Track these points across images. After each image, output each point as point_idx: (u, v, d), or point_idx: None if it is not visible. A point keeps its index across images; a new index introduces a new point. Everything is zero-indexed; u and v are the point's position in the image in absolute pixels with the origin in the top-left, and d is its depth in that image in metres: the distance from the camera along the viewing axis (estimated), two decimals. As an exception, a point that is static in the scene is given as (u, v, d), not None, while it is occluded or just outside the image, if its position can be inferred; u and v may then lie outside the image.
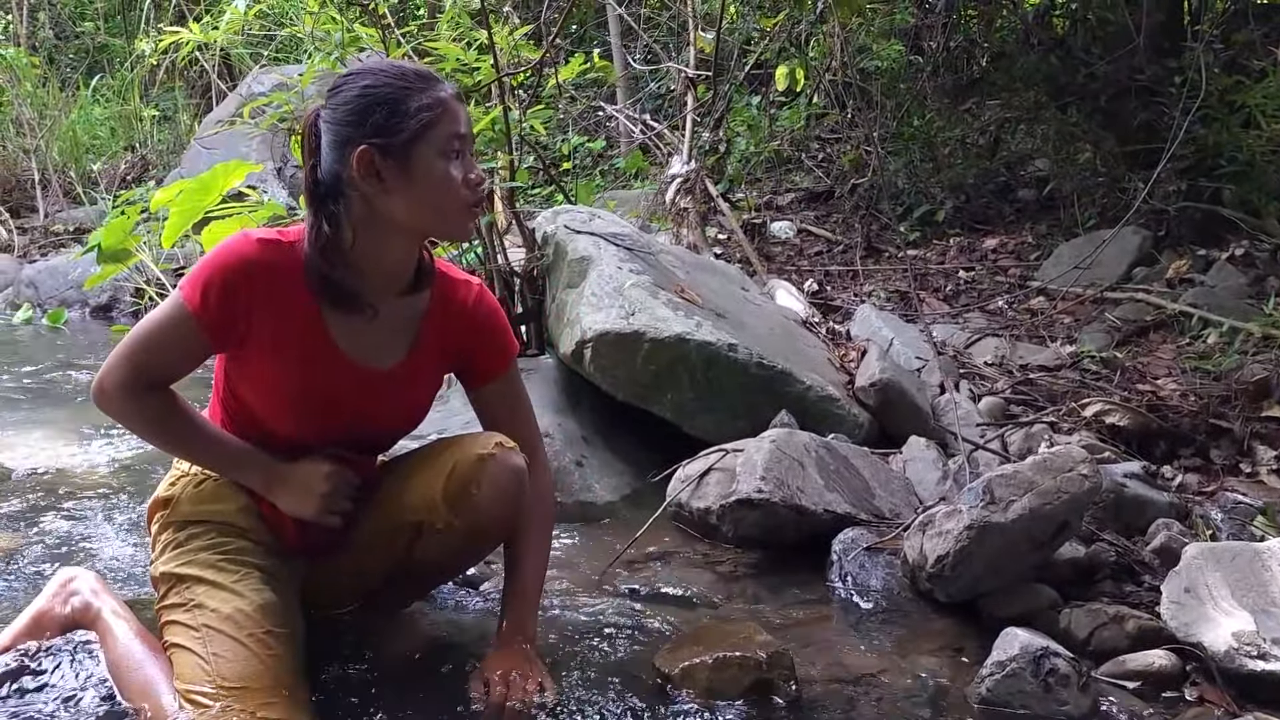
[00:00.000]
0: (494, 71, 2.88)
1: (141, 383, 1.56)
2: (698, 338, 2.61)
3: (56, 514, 2.61)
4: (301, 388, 1.60)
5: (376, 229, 1.55)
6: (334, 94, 1.54)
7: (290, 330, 1.56)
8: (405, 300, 1.63)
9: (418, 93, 1.51)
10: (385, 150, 1.49)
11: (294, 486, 1.62)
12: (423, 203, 1.53)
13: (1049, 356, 3.34)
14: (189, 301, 1.52)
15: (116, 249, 5.36)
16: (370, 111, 1.49)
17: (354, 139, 1.49)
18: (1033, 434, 2.59)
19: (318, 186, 1.54)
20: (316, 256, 1.54)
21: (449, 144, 1.52)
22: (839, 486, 2.26)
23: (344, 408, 1.63)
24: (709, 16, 6.27)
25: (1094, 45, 4.99)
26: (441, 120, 1.51)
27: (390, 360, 1.64)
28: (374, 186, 1.50)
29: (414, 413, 1.76)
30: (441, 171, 1.51)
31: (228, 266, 1.52)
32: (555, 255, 3.03)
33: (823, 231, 5.59)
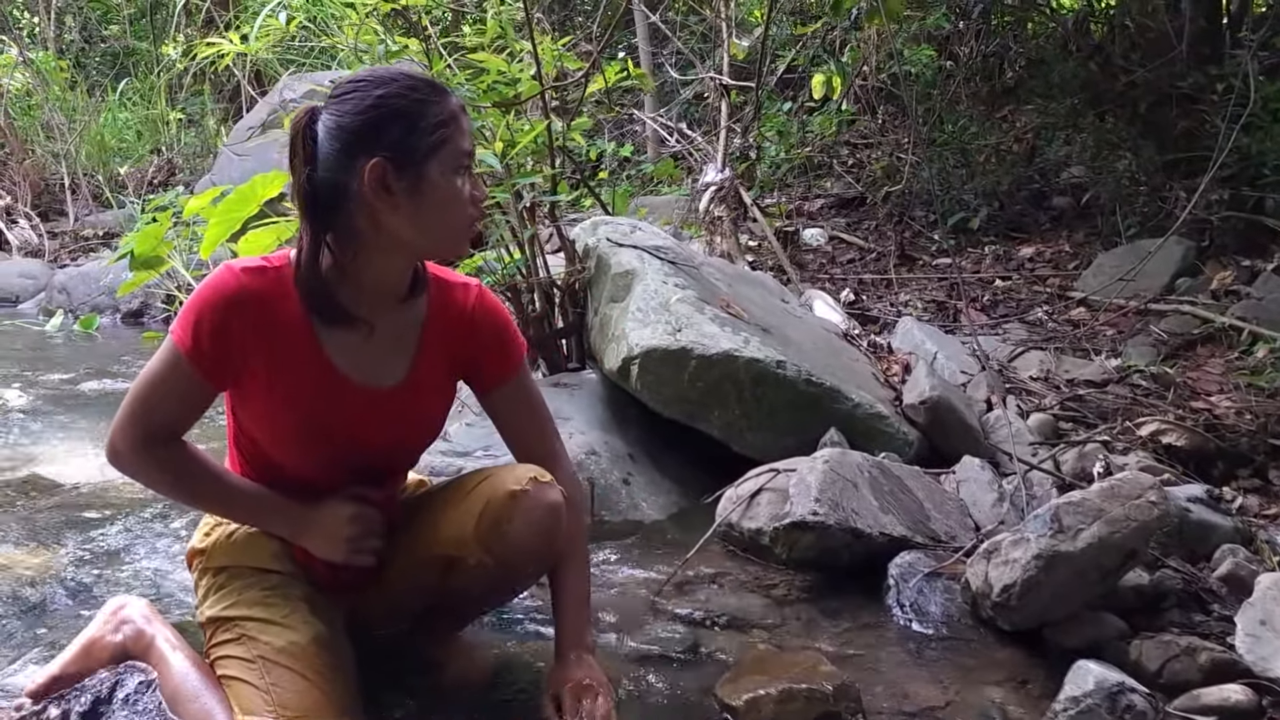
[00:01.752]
0: (537, 84, 2.85)
1: (151, 438, 1.51)
2: (746, 354, 2.58)
3: (100, 529, 2.60)
4: (305, 416, 1.54)
5: (378, 243, 1.48)
6: (341, 99, 1.45)
7: (287, 359, 1.51)
8: (402, 310, 1.57)
9: (433, 105, 1.45)
10: (399, 165, 1.43)
11: (320, 531, 1.58)
12: (430, 220, 1.47)
13: (1095, 370, 3.29)
14: (180, 344, 1.47)
15: (149, 256, 5.38)
16: (387, 124, 1.43)
17: (367, 151, 1.42)
18: (1086, 453, 2.54)
19: (314, 195, 1.45)
20: (311, 270, 1.47)
21: (460, 160, 1.48)
22: (894, 508, 2.22)
23: (351, 432, 1.57)
24: (742, 23, 6.25)
25: (1133, 52, 4.94)
26: (454, 136, 1.47)
27: (393, 376, 1.58)
28: (382, 200, 1.43)
29: (427, 427, 1.69)
30: (453, 189, 1.47)
31: (215, 302, 1.46)
32: (597, 268, 3.00)
33: (855, 239, 5.55)
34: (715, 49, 5.93)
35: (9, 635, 1.95)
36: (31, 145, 8.94)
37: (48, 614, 2.05)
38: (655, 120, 5.43)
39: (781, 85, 6.51)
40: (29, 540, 2.52)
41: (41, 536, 2.55)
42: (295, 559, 1.63)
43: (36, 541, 2.52)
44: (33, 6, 10.74)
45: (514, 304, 2.99)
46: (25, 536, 2.54)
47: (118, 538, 2.53)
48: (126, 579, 2.28)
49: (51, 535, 2.56)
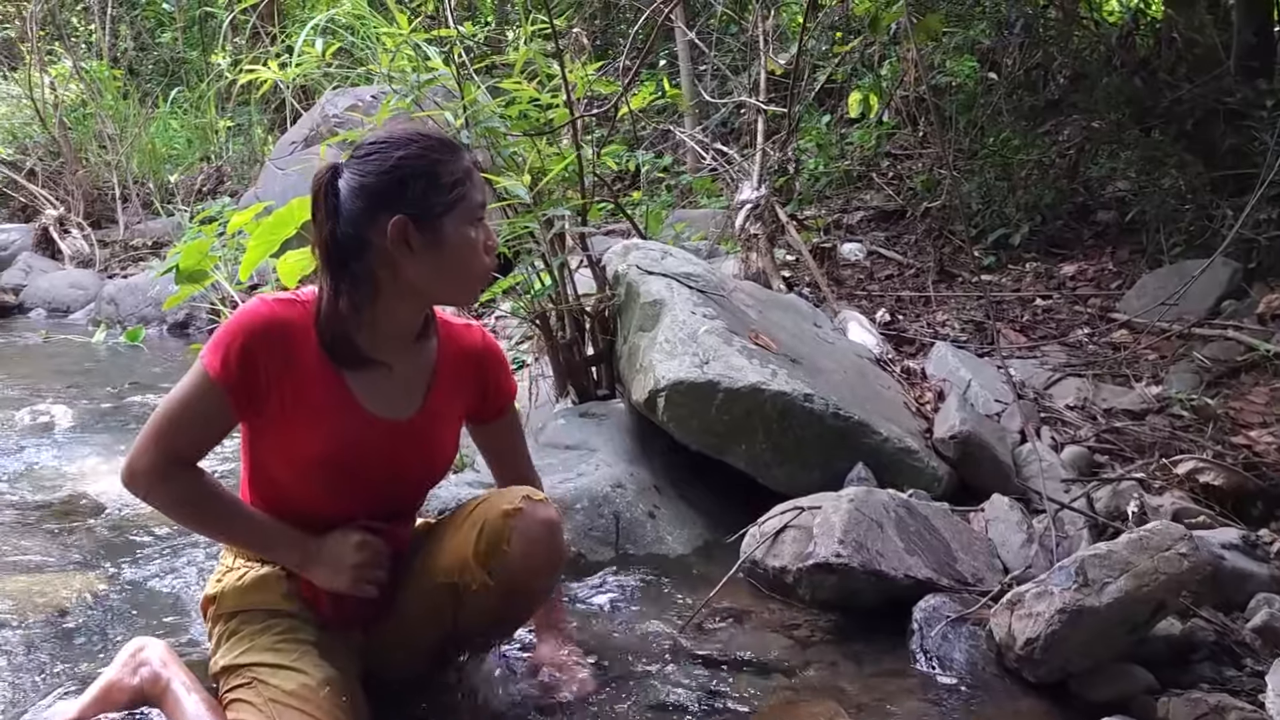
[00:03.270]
0: (568, 113, 2.86)
1: (172, 461, 1.57)
2: (773, 388, 2.57)
3: (140, 555, 2.65)
4: (328, 446, 1.60)
5: (396, 290, 1.58)
6: (364, 160, 1.55)
7: (312, 390, 1.58)
8: (415, 350, 1.68)
9: (449, 164, 1.57)
10: (419, 221, 1.53)
11: (326, 560, 1.63)
12: (447, 270, 1.57)
13: (1134, 399, 3.23)
14: (210, 368, 1.54)
15: (194, 270, 5.48)
16: (408, 183, 1.53)
17: (389, 208, 1.52)
18: (1121, 491, 2.50)
19: (337, 247, 1.54)
20: (331, 318, 1.55)
21: (474, 213, 1.59)
22: (919, 549, 2.20)
23: (368, 462, 1.63)
24: (781, 35, 6.22)
25: (1179, 65, 4.84)
26: (469, 192, 1.58)
27: (409, 409, 1.67)
28: (403, 253, 1.53)
29: (439, 461, 1.77)
30: (468, 240, 1.57)
31: (246, 330, 1.54)
32: (627, 296, 3.00)
33: (893, 254, 5.50)
34: (753, 61, 5.90)
35: (42, 666, 2.00)
36: (85, 154, 9.15)
37: (82, 645, 2.10)
38: (692, 138, 5.41)
39: (821, 95, 6.47)
40: (69, 565, 2.58)
41: (81, 561, 2.61)
42: (302, 595, 1.67)
43: (76, 566, 2.57)
44: (89, 15, 10.97)
45: (543, 330, 3.00)
46: (65, 561, 2.60)
47: (156, 564, 2.58)
48: (162, 608, 2.32)
49: (91, 560, 2.62)
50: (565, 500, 2.47)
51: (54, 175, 8.96)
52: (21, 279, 7.25)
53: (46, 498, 3.11)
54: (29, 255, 7.59)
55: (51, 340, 5.84)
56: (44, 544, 2.72)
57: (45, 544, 2.72)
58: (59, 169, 8.93)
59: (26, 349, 5.65)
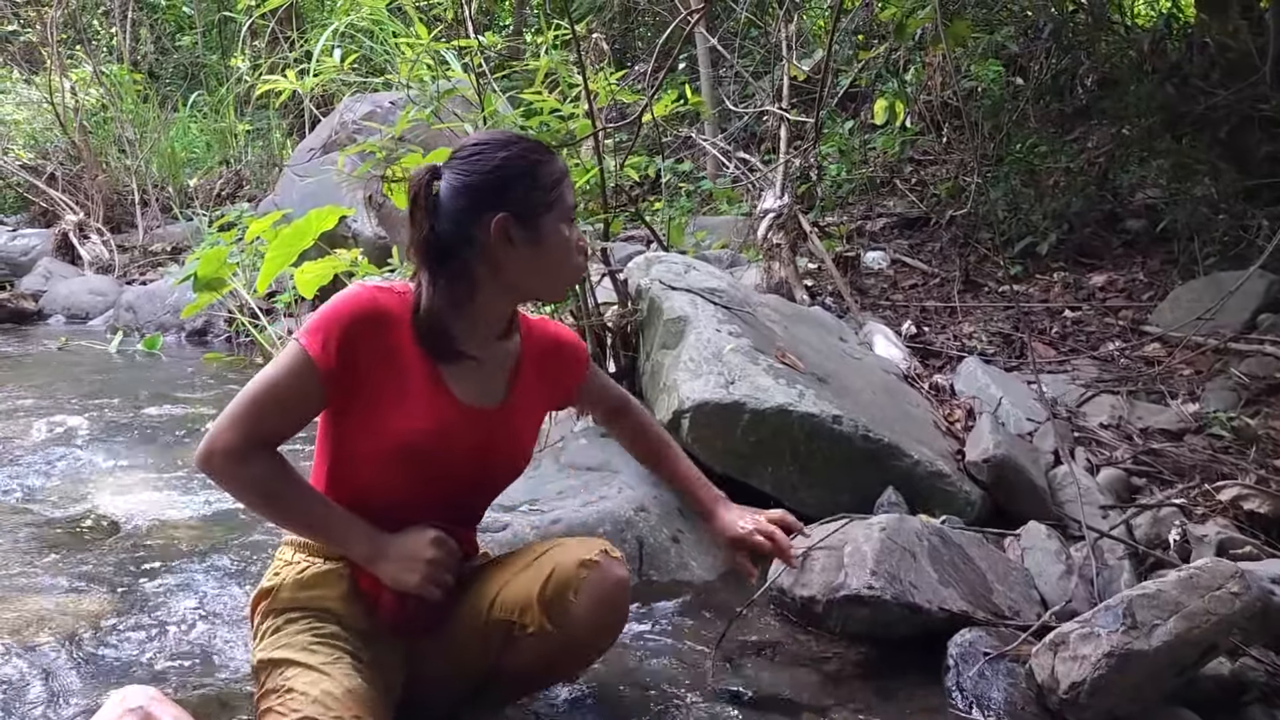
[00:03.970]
0: (589, 125, 2.79)
1: (252, 444, 1.56)
2: (801, 409, 2.49)
3: (153, 579, 2.60)
4: (420, 432, 1.61)
5: (494, 287, 1.63)
6: (466, 160, 1.60)
7: (407, 377, 1.60)
8: (501, 344, 1.72)
9: (547, 165, 1.62)
10: (521, 218, 1.58)
11: (398, 555, 1.61)
12: (544, 267, 1.63)
13: (1171, 418, 3.14)
14: (310, 349, 1.55)
15: (212, 278, 5.46)
16: (512, 182, 1.58)
17: (492, 206, 1.57)
18: (1161, 518, 2.41)
19: (436, 245, 1.59)
20: (430, 312, 1.59)
21: (569, 213, 1.65)
22: (954, 580, 2.12)
23: (459, 450, 1.65)
24: (804, 38, 6.14)
25: (1212, 72, 4.73)
26: (565, 192, 1.64)
27: (496, 399, 1.70)
28: (504, 250, 1.59)
29: (521, 452, 1.79)
30: (564, 238, 1.63)
31: (350, 315, 1.57)
32: (649, 311, 2.94)
33: (918, 263, 5.41)
34: (775, 66, 5.82)
35: (51, 697, 1.95)
36: (105, 159, 9.15)
37: (90, 676, 2.05)
38: (714, 146, 5.34)
39: (845, 99, 6.38)
40: (81, 587, 2.52)
41: (93, 583, 2.55)
42: (361, 591, 1.65)
43: (88, 589, 2.52)
44: (111, 19, 10.99)
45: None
46: (77, 583, 2.55)
47: (168, 589, 2.53)
48: (173, 641, 2.27)
49: (104, 582, 2.57)
50: (587, 525, 2.41)
51: (74, 180, 8.97)
52: (42, 284, 7.24)
53: (60, 514, 3.07)
54: (49, 261, 7.59)
55: (69, 348, 5.82)
56: (56, 565, 2.67)
57: (57, 565, 2.67)
58: (79, 174, 8.94)
59: (45, 357, 5.63)
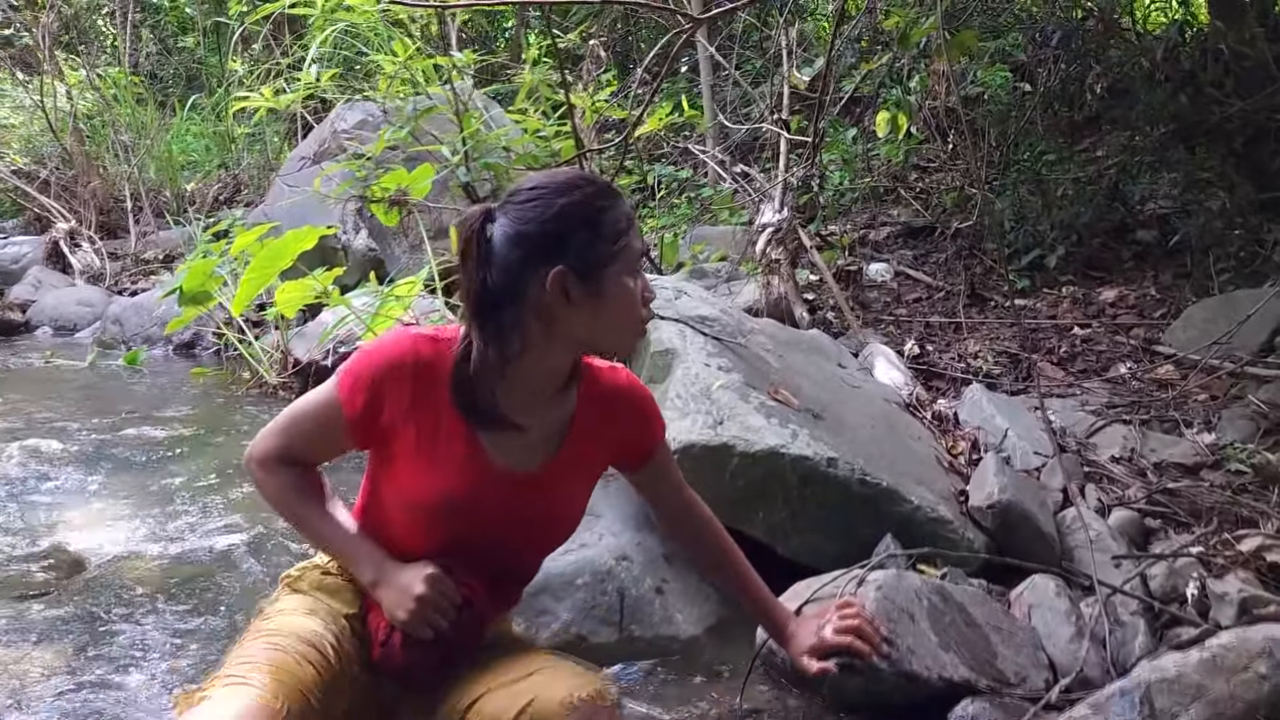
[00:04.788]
0: (573, 147, 2.65)
1: (283, 457, 1.59)
2: (793, 451, 2.35)
3: (112, 625, 2.48)
4: (445, 494, 1.54)
5: (548, 343, 1.50)
6: (521, 206, 1.47)
7: (439, 434, 1.52)
8: (555, 400, 1.59)
9: (611, 210, 1.49)
10: (581, 273, 1.45)
11: (395, 584, 1.55)
12: (606, 322, 1.50)
13: (1186, 451, 2.98)
14: (340, 397, 1.52)
15: (197, 291, 5.33)
16: (572, 233, 1.45)
17: (550, 259, 1.44)
18: (1178, 570, 2.27)
19: (487, 296, 1.46)
20: (475, 369, 1.47)
21: (634, 262, 1.51)
22: (955, 644, 1.98)
23: (487, 516, 1.56)
24: (805, 46, 5.98)
25: (1226, 80, 4.57)
26: (632, 241, 1.51)
27: (539, 460, 1.59)
28: (561, 305, 1.46)
29: (564, 518, 1.68)
30: (629, 291, 1.50)
31: (385, 365, 1.51)
32: (637, 341, 2.79)
33: (922, 275, 5.26)
34: (776, 72, 5.67)
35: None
36: (101, 164, 9.03)
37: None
38: (712, 157, 5.20)
39: (849, 104, 6.23)
40: (32, 640, 2.41)
41: (49, 634, 2.44)
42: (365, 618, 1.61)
43: (43, 640, 2.41)
44: (113, 20, 10.87)
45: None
46: (29, 635, 2.43)
47: (128, 636, 2.42)
48: (131, 694, 2.16)
49: (60, 632, 2.45)
50: (565, 575, 2.28)
51: (68, 186, 8.85)
52: (31, 294, 7.12)
53: (21, 552, 2.94)
54: (39, 269, 7.47)
55: (53, 362, 5.69)
56: (11, 611, 2.55)
57: (13, 610, 2.56)
58: (73, 179, 8.82)
59: (28, 372, 5.51)
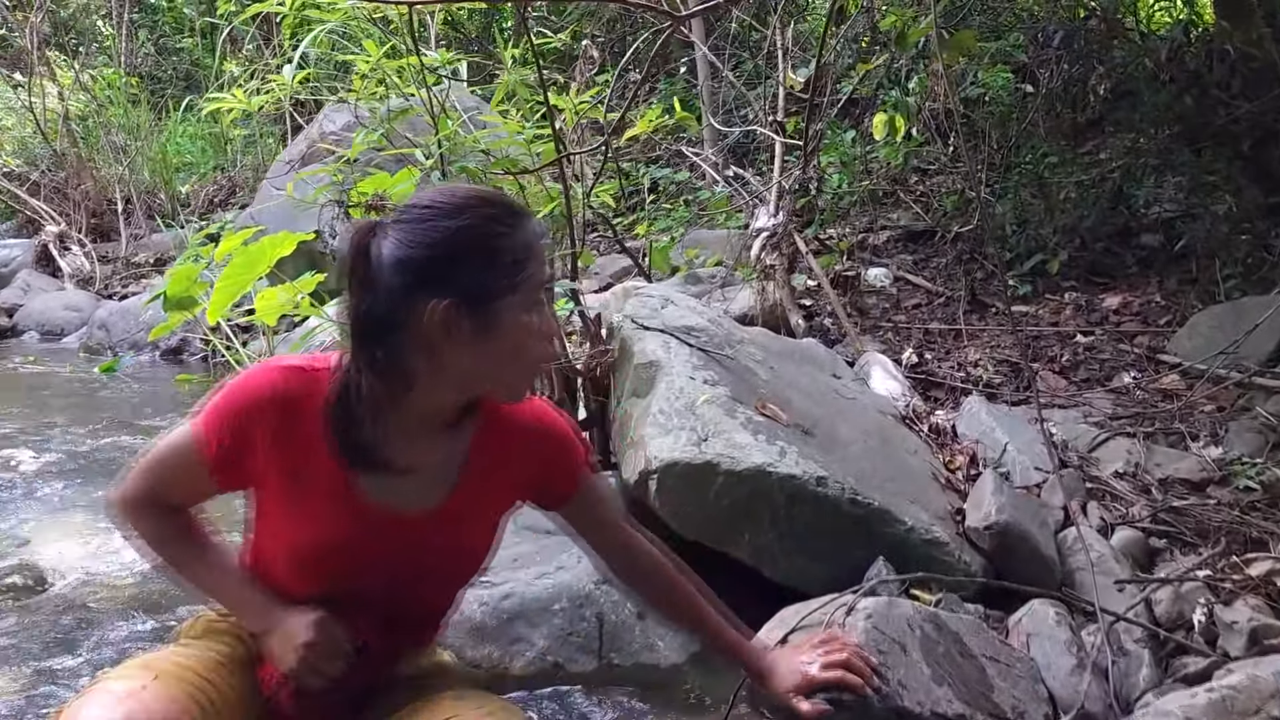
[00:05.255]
0: (555, 150, 2.55)
1: (148, 501, 1.46)
2: (781, 470, 2.24)
3: (76, 645, 2.39)
4: (322, 541, 1.40)
5: (433, 380, 1.33)
6: (408, 227, 1.29)
7: (309, 473, 1.37)
8: (446, 435, 1.42)
9: (510, 235, 1.30)
10: (469, 305, 1.27)
11: (282, 632, 1.42)
12: (498, 361, 1.32)
13: (1193, 466, 2.88)
14: (196, 437, 1.38)
15: (182, 297, 5.23)
16: (460, 260, 1.27)
17: (434, 290, 1.26)
18: (1184, 595, 2.16)
19: (368, 326, 1.29)
20: (350, 406, 1.32)
21: (537, 294, 1.34)
22: (949, 676, 1.87)
23: (370, 562, 1.41)
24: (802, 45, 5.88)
25: (1234, 82, 4.46)
26: (533, 270, 1.32)
27: (428, 502, 1.42)
28: (445, 341, 1.28)
29: (465, 561, 1.54)
30: (524, 329, 1.32)
31: (245, 403, 1.36)
32: (621, 353, 2.70)
33: (922, 281, 5.15)
34: (772, 73, 5.57)
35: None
36: (93, 166, 8.94)
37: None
38: (706, 160, 5.09)
39: (847, 105, 6.12)
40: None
41: (8, 656, 2.35)
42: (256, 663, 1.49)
43: (6, 654, 2.32)
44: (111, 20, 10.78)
45: (528, 393, 2.70)
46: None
47: (92, 664, 2.32)
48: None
49: (21, 653, 2.36)
50: (541, 600, 2.18)
51: (59, 187, 8.77)
52: (20, 298, 7.04)
53: (-9, 564, 2.85)
54: (28, 273, 7.40)
55: (37, 367, 5.60)
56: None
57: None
58: (61, 183, 8.73)
59: (11, 379, 5.42)
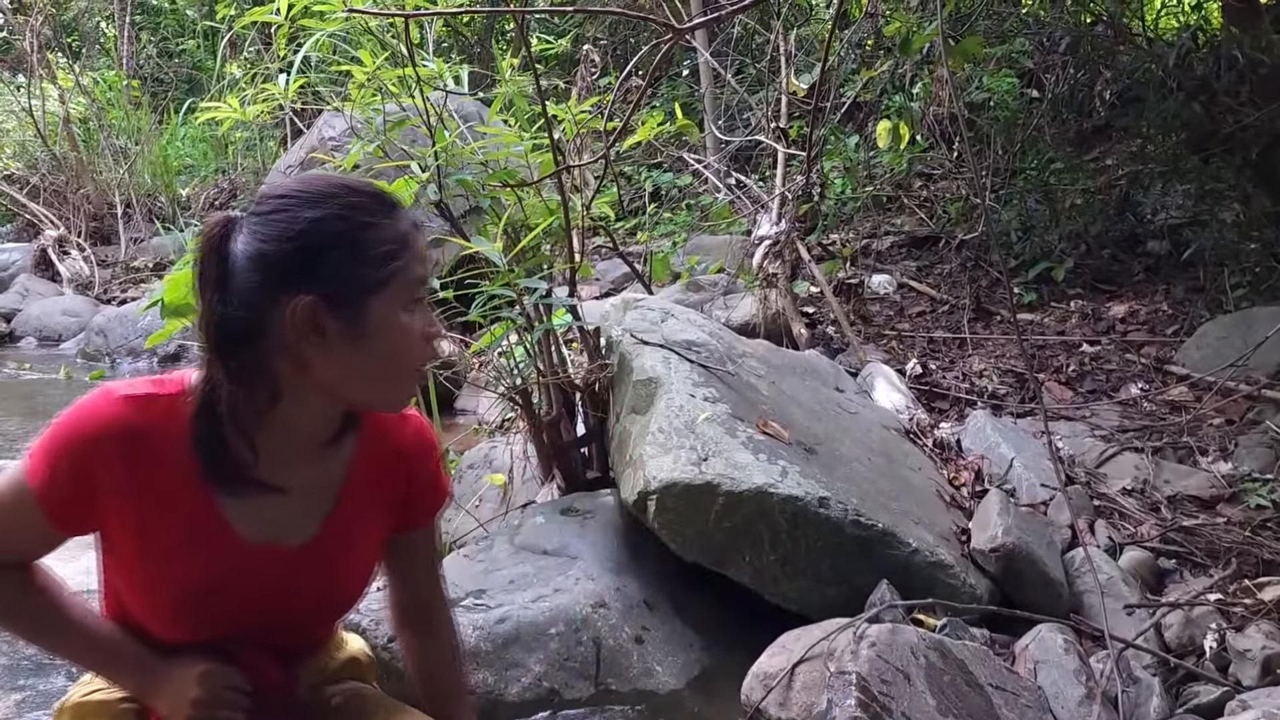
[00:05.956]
0: (554, 162, 2.50)
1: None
2: (782, 490, 2.20)
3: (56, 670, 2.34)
4: (192, 586, 1.25)
5: (301, 390, 1.20)
6: (264, 219, 1.17)
7: (166, 509, 1.21)
8: (323, 456, 1.29)
9: (380, 227, 1.18)
10: (334, 303, 1.15)
11: (167, 692, 1.28)
12: (371, 366, 1.20)
13: (1202, 482, 2.83)
14: (30, 478, 1.18)
15: (179, 304, 5.19)
16: (322, 253, 1.15)
17: (294, 286, 1.14)
18: (1194, 619, 2.11)
19: (225, 331, 1.15)
20: (212, 424, 1.18)
21: (411, 293, 1.20)
22: (954, 707, 1.82)
23: (244, 599, 1.28)
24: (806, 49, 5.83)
25: (1242, 88, 4.40)
26: (406, 265, 1.19)
27: (305, 532, 1.29)
28: (311, 344, 1.16)
29: (346, 589, 1.38)
30: (400, 329, 1.19)
31: (81, 438, 1.18)
32: (620, 367, 2.65)
33: (926, 288, 5.10)
34: (775, 79, 5.52)
35: None
36: (94, 169, 8.90)
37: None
38: (709, 167, 5.05)
39: (852, 109, 6.07)
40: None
41: (2, 673, 2.30)
42: None
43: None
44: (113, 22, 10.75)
45: (524, 408, 2.65)
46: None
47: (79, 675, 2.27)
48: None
49: (13, 671, 2.32)
50: (538, 624, 2.12)
51: (59, 191, 8.73)
52: (18, 303, 7.00)
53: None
54: (27, 277, 7.36)
55: (33, 374, 5.56)
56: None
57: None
58: (64, 185, 8.70)
59: (6, 386, 5.37)
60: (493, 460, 3.14)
